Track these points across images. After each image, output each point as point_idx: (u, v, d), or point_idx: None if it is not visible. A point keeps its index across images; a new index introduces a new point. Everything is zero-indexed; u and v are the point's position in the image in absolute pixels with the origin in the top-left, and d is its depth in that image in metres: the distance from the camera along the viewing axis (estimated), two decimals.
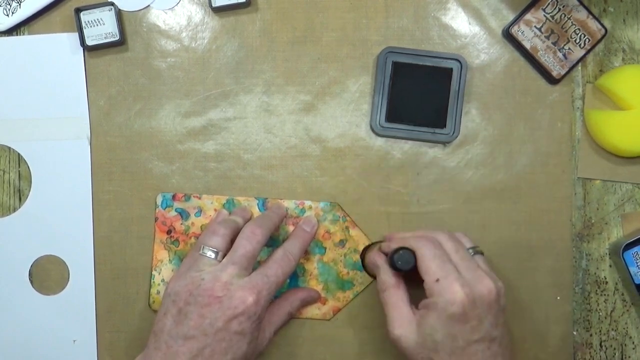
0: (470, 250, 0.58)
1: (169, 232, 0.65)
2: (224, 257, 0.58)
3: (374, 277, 0.64)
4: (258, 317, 0.57)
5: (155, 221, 0.65)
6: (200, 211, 0.66)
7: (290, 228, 0.65)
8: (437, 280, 0.54)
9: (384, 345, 0.65)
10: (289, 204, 0.65)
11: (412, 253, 0.56)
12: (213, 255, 0.58)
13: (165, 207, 0.65)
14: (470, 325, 0.53)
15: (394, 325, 0.56)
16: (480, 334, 0.54)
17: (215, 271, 0.57)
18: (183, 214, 0.65)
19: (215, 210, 0.65)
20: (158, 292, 0.65)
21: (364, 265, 0.65)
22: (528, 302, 0.66)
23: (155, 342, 0.57)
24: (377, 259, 0.60)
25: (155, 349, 0.57)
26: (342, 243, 0.65)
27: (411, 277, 0.57)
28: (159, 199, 0.65)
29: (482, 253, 0.59)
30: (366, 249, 0.65)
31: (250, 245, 0.58)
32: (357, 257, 0.65)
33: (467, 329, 0.53)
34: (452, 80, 0.65)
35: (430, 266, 0.55)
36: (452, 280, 0.54)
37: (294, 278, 0.65)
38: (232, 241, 0.59)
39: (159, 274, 0.65)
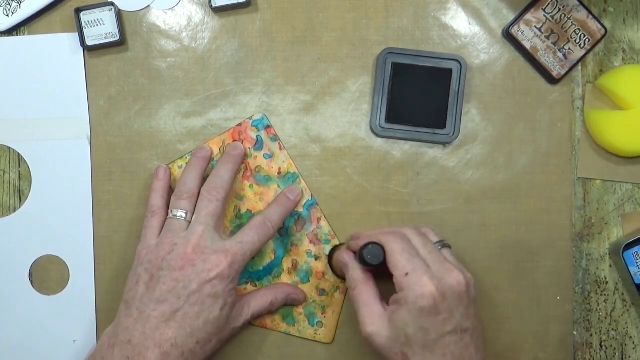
0: (438, 245, 0.59)
1: (234, 141, 0.65)
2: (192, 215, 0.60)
3: (342, 278, 0.64)
4: (232, 281, 0.58)
5: (237, 124, 0.65)
6: (271, 156, 0.65)
7: None
8: (407, 274, 0.54)
9: None
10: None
11: (381, 248, 0.56)
12: (184, 215, 0.59)
13: (253, 125, 0.65)
14: (442, 318, 0.54)
15: (365, 323, 0.56)
16: (452, 326, 0.54)
17: (187, 235, 0.58)
18: (259, 143, 0.65)
19: (279, 172, 0.65)
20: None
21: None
22: (528, 302, 0.66)
23: (126, 309, 0.58)
24: (346, 257, 0.59)
25: (126, 316, 0.57)
26: (323, 292, 0.65)
27: (380, 274, 0.57)
28: (258, 115, 0.65)
29: (449, 246, 0.60)
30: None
31: (212, 204, 0.60)
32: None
33: (438, 322, 0.53)
34: (452, 80, 0.65)
35: (400, 260, 0.55)
36: (422, 273, 0.54)
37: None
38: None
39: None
